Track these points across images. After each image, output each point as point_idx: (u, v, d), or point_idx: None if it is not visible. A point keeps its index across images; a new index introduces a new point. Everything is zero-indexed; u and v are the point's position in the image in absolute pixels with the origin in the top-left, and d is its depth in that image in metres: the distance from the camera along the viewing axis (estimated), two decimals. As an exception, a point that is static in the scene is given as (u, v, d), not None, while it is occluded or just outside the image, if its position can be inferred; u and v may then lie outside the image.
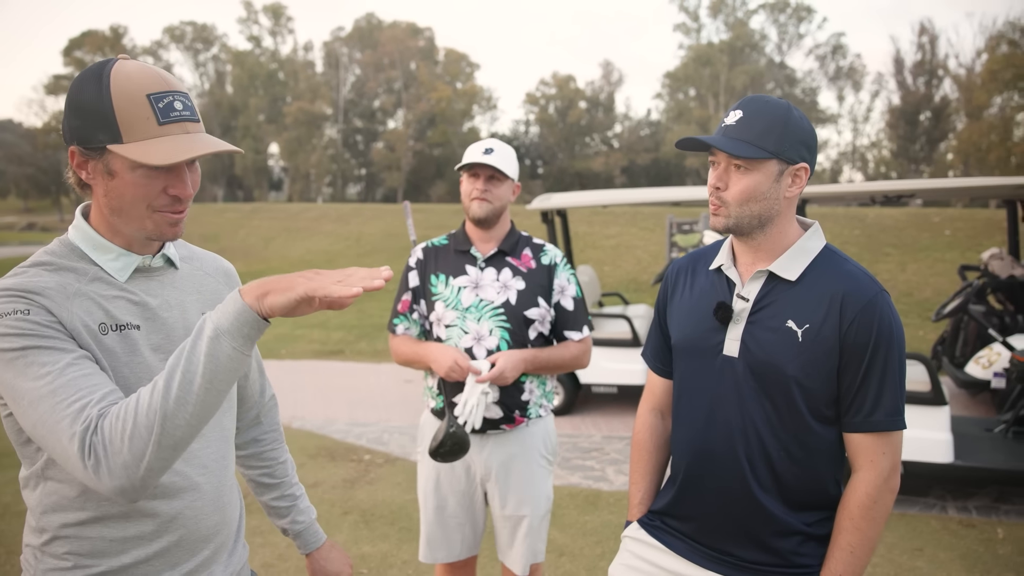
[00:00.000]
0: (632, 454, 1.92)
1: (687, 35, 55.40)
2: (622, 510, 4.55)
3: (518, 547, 2.55)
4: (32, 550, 1.30)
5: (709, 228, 6.68)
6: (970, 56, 45.59)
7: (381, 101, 58.11)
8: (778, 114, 1.55)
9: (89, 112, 1.19)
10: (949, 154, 46.51)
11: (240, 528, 1.52)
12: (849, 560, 1.56)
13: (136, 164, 1.20)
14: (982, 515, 4.48)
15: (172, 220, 1.27)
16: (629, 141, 56.06)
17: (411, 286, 2.62)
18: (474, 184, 2.49)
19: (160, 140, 1.18)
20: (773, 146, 1.53)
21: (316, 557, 1.73)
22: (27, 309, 1.16)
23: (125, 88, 1.19)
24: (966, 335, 6.77)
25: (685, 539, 1.74)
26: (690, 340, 1.71)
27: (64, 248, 1.29)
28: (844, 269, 1.59)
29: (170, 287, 1.37)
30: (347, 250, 19.19)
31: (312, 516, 1.74)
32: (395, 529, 4.28)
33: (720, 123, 1.61)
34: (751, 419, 1.60)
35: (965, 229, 15.49)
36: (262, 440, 1.70)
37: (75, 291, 1.23)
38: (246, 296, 1.10)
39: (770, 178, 1.55)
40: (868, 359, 1.53)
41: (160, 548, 1.31)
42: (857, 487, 1.56)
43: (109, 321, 1.25)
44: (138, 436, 1.08)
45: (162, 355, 1.31)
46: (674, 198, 6.40)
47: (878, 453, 1.55)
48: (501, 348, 2.45)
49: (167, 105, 1.20)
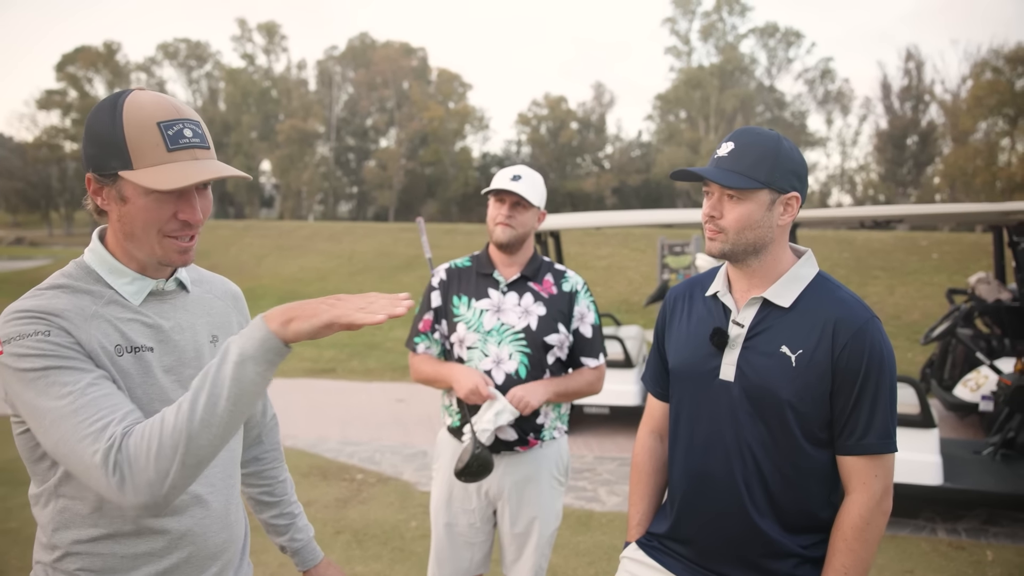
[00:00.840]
0: (632, 476, 1.95)
1: (678, 58, 56.03)
2: (615, 531, 4.56)
3: (524, 563, 2.58)
4: (43, 567, 1.32)
5: (703, 251, 6.75)
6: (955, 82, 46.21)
7: (373, 120, 58.35)
8: (769, 145, 1.61)
9: (103, 140, 1.23)
10: (936, 178, 47.06)
11: (246, 546, 1.54)
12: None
13: (147, 190, 1.23)
14: (971, 537, 4.51)
15: (181, 248, 1.31)
16: (620, 162, 56.44)
17: (433, 306, 2.65)
18: (499, 209, 2.54)
19: (169, 167, 1.22)
20: (764, 176, 1.59)
21: (314, 574, 1.75)
22: (47, 330, 1.18)
23: (136, 117, 1.22)
24: (954, 358, 6.84)
25: (683, 560, 1.76)
26: (687, 365, 1.76)
27: (80, 271, 1.32)
28: (836, 296, 1.64)
29: (182, 310, 1.40)
30: (339, 268, 19.18)
31: (310, 534, 1.76)
32: (388, 549, 4.27)
33: (713, 155, 1.67)
34: (747, 442, 1.64)
35: (952, 253, 15.67)
36: (263, 459, 1.72)
37: (92, 313, 1.26)
38: (271, 323, 1.13)
39: (762, 207, 1.61)
40: (860, 383, 1.57)
41: (170, 564, 1.33)
42: (850, 509, 1.60)
43: (124, 343, 1.27)
44: (163, 455, 1.11)
45: (174, 376, 1.33)
46: (667, 220, 6.48)
47: (871, 475, 1.59)
48: (520, 372, 2.49)
49: (176, 132, 1.24)
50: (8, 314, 1.21)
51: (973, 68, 42.84)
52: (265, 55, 60.18)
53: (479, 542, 2.64)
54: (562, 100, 57.19)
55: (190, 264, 1.35)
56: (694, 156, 49.48)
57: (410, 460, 6.02)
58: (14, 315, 1.20)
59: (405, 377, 9.42)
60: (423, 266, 18.36)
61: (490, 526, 2.65)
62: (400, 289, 16.53)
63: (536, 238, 6.42)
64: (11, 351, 1.16)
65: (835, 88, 54.61)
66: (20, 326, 1.18)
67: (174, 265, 1.33)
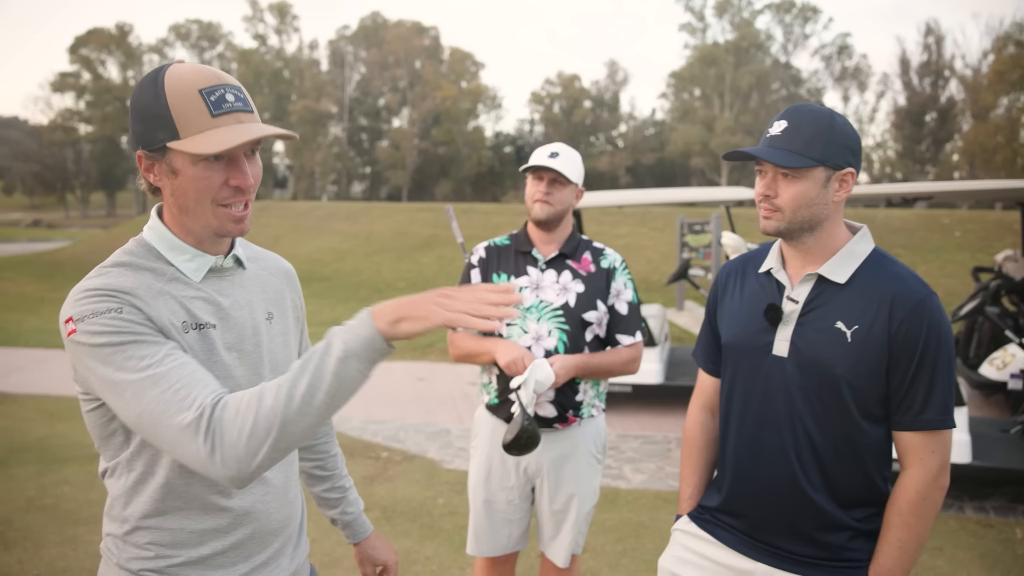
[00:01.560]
0: (683, 450, 1.96)
1: (692, 35, 55.43)
2: (641, 508, 4.58)
3: (562, 539, 2.60)
4: (113, 539, 1.34)
5: (726, 230, 6.71)
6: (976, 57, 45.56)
7: (386, 100, 58.21)
8: (822, 122, 1.60)
9: (148, 114, 1.23)
10: (955, 155, 46.49)
11: (303, 523, 1.56)
12: (898, 555, 1.60)
13: (196, 158, 1.23)
14: (1000, 515, 4.50)
15: (236, 216, 1.30)
16: (634, 141, 56.13)
17: (473, 283, 2.65)
18: (537, 187, 2.54)
19: (214, 131, 1.21)
20: (819, 153, 1.58)
21: (364, 546, 1.78)
22: (119, 307, 1.19)
23: (178, 86, 1.22)
24: (980, 336, 6.79)
25: (736, 532, 1.78)
26: (740, 340, 1.76)
27: (141, 248, 1.32)
28: (893, 271, 1.64)
29: (239, 287, 1.40)
30: (356, 248, 19.21)
31: (360, 507, 1.78)
32: (416, 526, 4.31)
33: (764, 133, 1.65)
34: (800, 417, 1.65)
35: (975, 230, 15.50)
36: (316, 434, 1.74)
37: (158, 290, 1.26)
38: (378, 320, 1.12)
39: (818, 184, 1.60)
40: (918, 359, 1.57)
41: (235, 541, 1.35)
42: (907, 484, 1.60)
43: (190, 320, 1.28)
44: (256, 435, 1.11)
45: (235, 353, 1.34)
46: (690, 198, 6.44)
47: (928, 451, 1.59)
48: (559, 349, 2.49)
49: (219, 98, 1.23)
50: (77, 293, 1.21)
51: (995, 42, 42.12)
52: (277, 35, 60.09)
53: (517, 519, 2.66)
54: (575, 78, 56.80)
55: (246, 232, 1.33)
56: (708, 134, 49.08)
57: (434, 438, 6.06)
58: (84, 294, 1.20)
59: (427, 356, 9.47)
60: (441, 245, 18.39)
61: (528, 503, 2.67)
62: (418, 269, 16.58)
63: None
64: (84, 329, 1.17)
65: (852, 64, 53.94)
66: (92, 304, 1.18)
67: (230, 235, 1.32)
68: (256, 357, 1.38)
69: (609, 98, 58.16)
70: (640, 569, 3.79)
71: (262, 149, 1.36)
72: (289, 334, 1.50)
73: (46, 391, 7.59)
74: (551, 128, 56.02)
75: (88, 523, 4.22)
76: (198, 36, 59.65)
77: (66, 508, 4.46)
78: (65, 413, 6.72)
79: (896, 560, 1.60)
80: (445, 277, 15.35)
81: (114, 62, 58.02)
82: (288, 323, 1.50)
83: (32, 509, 4.46)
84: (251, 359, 1.37)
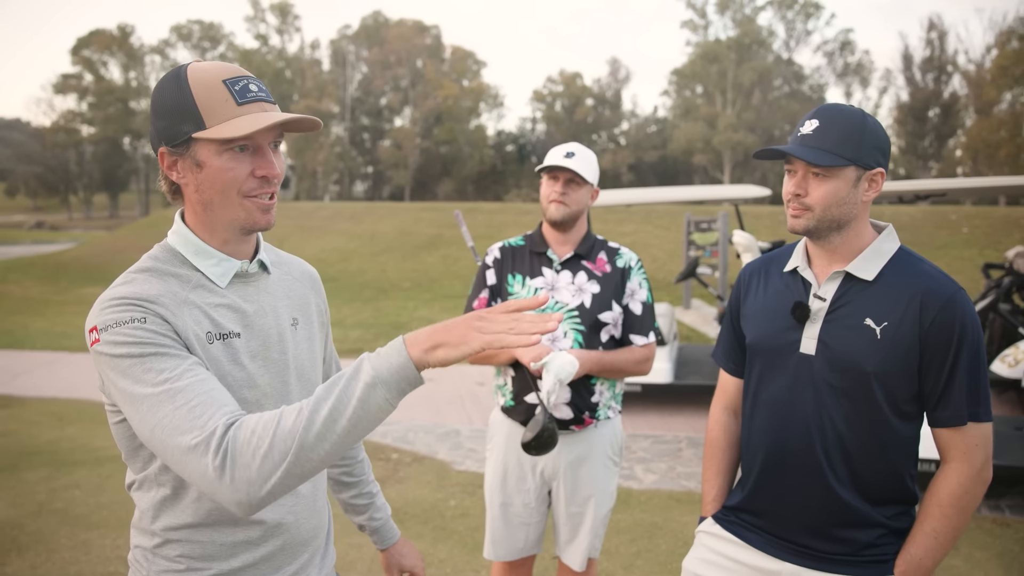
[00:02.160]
0: (706, 451, 1.95)
1: (694, 32, 55.27)
2: (653, 508, 4.56)
3: (579, 542, 2.58)
4: (143, 551, 1.32)
5: (737, 228, 6.68)
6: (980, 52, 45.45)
7: (388, 99, 58.20)
8: (854, 121, 1.60)
9: (172, 109, 1.23)
10: (958, 150, 46.34)
11: (330, 532, 1.55)
12: (931, 545, 1.59)
13: (221, 148, 1.22)
14: (1015, 514, 4.48)
15: (263, 207, 1.28)
16: (636, 139, 56.08)
17: (488, 284, 2.63)
18: (553, 187, 2.52)
19: (240, 119, 1.21)
20: (851, 153, 1.58)
21: (392, 552, 1.76)
22: (143, 317, 1.17)
23: (202, 78, 1.22)
24: (991, 333, 6.75)
25: (760, 532, 1.77)
26: (766, 339, 1.75)
27: (166, 254, 1.30)
28: (921, 269, 1.64)
29: (264, 292, 1.38)
30: (361, 248, 19.21)
31: (387, 512, 1.77)
32: (429, 528, 4.30)
33: (795, 132, 1.65)
34: (828, 415, 1.64)
35: (982, 226, 15.46)
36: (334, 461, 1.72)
37: (183, 299, 1.24)
38: (412, 348, 1.08)
39: (848, 184, 1.60)
40: (953, 355, 1.57)
41: (266, 553, 1.34)
42: (949, 477, 1.59)
43: (214, 330, 1.26)
44: (271, 458, 1.06)
45: (260, 362, 1.32)
46: (701, 197, 6.41)
47: (971, 445, 1.59)
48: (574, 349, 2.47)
49: (243, 87, 1.23)
50: (103, 302, 1.20)
51: (998, 37, 41.95)
52: (278, 35, 60.08)
53: (534, 522, 2.64)
54: (577, 76, 56.76)
55: (272, 225, 1.32)
56: (711, 131, 48.99)
57: (443, 439, 6.04)
58: (109, 303, 1.19)
59: (432, 357, 9.46)
60: (446, 245, 18.38)
61: (545, 506, 2.65)
62: (423, 268, 16.57)
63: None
64: (107, 339, 1.15)
65: (855, 60, 53.77)
66: (116, 313, 1.17)
67: (257, 227, 1.30)
68: (282, 364, 1.37)
69: (611, 96, 58.09)
70: (655, 570, 3.77)
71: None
72: (314, 340, 1.48)
73: (54, 394, 7.59)
74: (553, 126, 55.98)
75: (99, 527, 4.21)
76: (200, 37, 59.64)
77: (77, 512, 4.45)
78: (73, 416, 6.72)
79: (928, 550, 1.59)
80: (451, 277, 15.33)
81: (116, 63, 58.03)
82: (313, 329, 1.48)
83: (43, 513, 4.45)
84: (276, 366, 1.35)
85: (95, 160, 58.72)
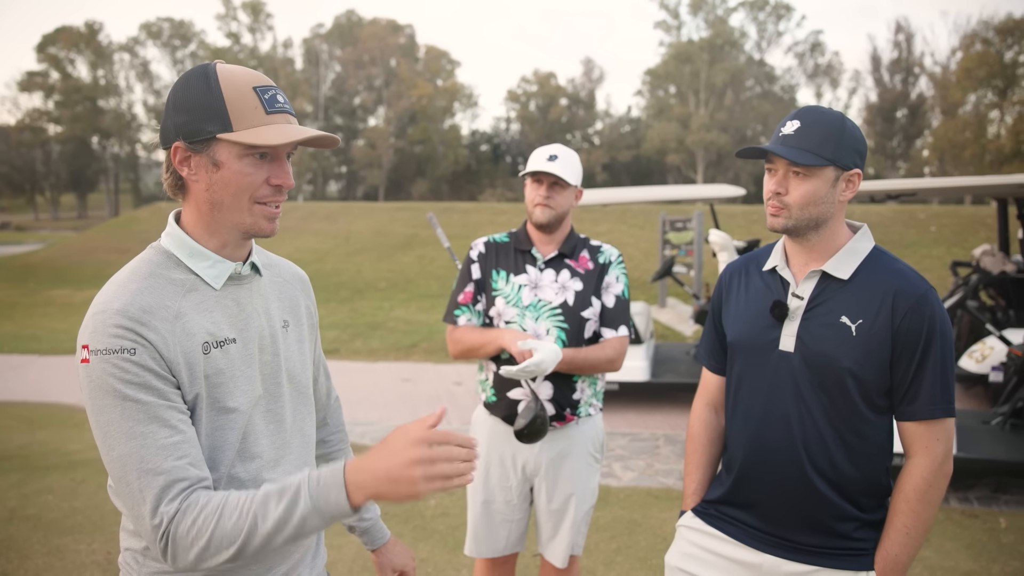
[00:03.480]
0: (687, 446, 1.99)
1: (668, 32, 55.67)
2: (632, 505, 4.60)
3: (561, 540, 2.60)
4: (133, 553, 1.32)
5: (713, 228, 6.76)
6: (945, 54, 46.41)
7: (362, 98, 57.88)
8: (834, 123, 1.64)
9: (197, 106, 1.23)
10: (925, 151, 47.22)
11: (321, 532, 1.54)
12: (904, 541, 1.64)
13: (242, 153, 1.24)
14: (983, 505, 4.59)
15: (271, 215, 1.31)
16: (610, 138, 56.36)
17: (474, 278, 2.64)
18: (538, 191, 2.53)
19: (268, 128, 1.24)
20: (830, 153, 1.62)
21: (383, 552, 1.76)
22: (133, 348, 1.17)
23: (233, 81, 1.24)
24: (959, 330, 6.90)
25: (741, 525, 1.81)
26: (747, 337, 1.79)
27: (160, 256, 1.30)
28: (894, 268, 1.69)
29: (257, 295, 1.39)
30: (336, 249, 19.10)
31: (377, 513, 1.77)
32: (409, 528, 4.30)
33: (776, 132, 1.69)
34: (808, 410, 1.68)
35: (950, 225, 15.78)
36: (329, 441, 1.72)
37: (176, 313, 1.24)
38: (354, 494, 1.15)
39: (827, 184, 1.65)
40: (921, 351, 1.62)
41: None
42: (913, 472, 1.65)
43: (211, 339, 1.27)
44: (208, 553, 1.16)
45: (254, 365, 1.34)
46: (677, 196, 6.48)
47: (933, 440, 1.64)
48: None
49: (271, 97, 1.26)
50: (98, 316, 1.19)
51: (963, 40, 42.83)
52: (251, 34, 59.42)
53: (516, 520, 2.65)
54: (551, 76, 56.88)
55: (275, 233, 1.34)
56: (684, 131, 49.37)
57: (422, 439, 6.03)
58: (103, 320, 1.18)
59: (410, 357, 9.43)
60: (422, 245, 18.33)
61: (527, 503, 2.67)
62: (399, 268, 16.50)
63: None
64: (97, 363, 1.16)
65: (825, 61, 54.56)
66: (108, 339, 1.17)
67: (262, 234, 1.32)
68: (274, 366, 1.37)
69: (585, 96, 58.28)
70: (635, 567, 3.81)
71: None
72: (304, 342, 1.49)
73: (24, 398, 7.46)
74: (527, 126, 56.03)
75: (73, 532, 4.15)
76: (170, 35, 58.79)
77: (50, 517, 4.38)
78: (44, 420, 6.61)
79: (903, 546, 1.64)
80: (427, 277, 15.30)
81: (83, 61, 57.02)
82: (303, 331, 1.49)
83: (15, 519, 4.37)
84: (269, 368, 1.36)
85: (62, 159, 57.61)
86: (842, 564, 1.69)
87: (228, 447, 1.28)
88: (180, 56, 59.44)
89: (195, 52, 59.48)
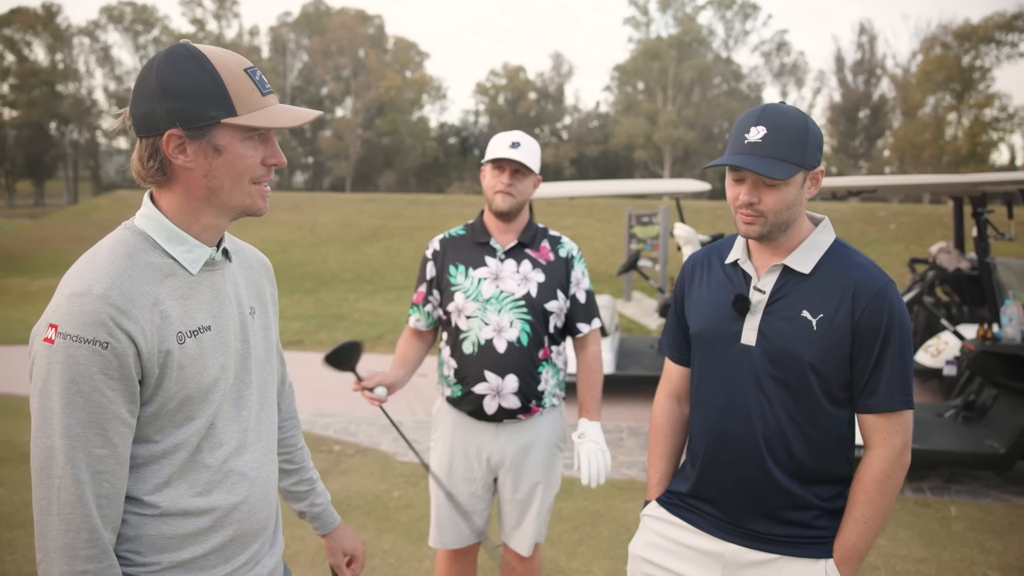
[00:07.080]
0: (651, 437, 2.00)
1: (637, 29, 55.95)
2: (595, 496, 4.63)
3: (526, 528, 2.61)
4: None
5: (678, 222, 6.81)
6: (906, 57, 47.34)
7: (329, 89, 57.18)
8: (799, 125, 1.62)
9: (195, 90, 1.20)
10: (886, 151, 48.18)
11: (279, 520, 1.54)
12: (862, 530, 1.67)
13: (246, 136, 1.24)
14: (936, 495, 4.71)
15: (264, 193, 1.32)
16: (578, 133, 56.45)
17: (428, 277, 2.62)
18: (499, 178, 2.51)
19: (267, 110, 1.24)
20: (799, 158, 1.61)
21: (333, 536, 1.76)
22: (106, 342, 1.14)
23: (226, 64, 1.23)
24: (916, 325, 7.06)
25: (704, 515, 1.82)
26: (709, 330, 1.80)
27: (136, 237, 1.26)
28: (855, 261, 1.70)
29: (228, 281, 1.38)
30: (302, 239, 18.87)
31: (327, 499, 1.77)
32: (372, 519, 4.28)
33: (739, 137, 1.64)
34: (768, 403, 1.69)
35: (909, 223, 16.12)
36: (283, 427, 1.71)
37: (155, 299, 1.21)
38: None
39: (798, 187, 1.64)
40: (880, 344, 1.63)
41: (216, 544, 1.33)
42: (872, 463, 1.67)
43: (184, 328, 1.25)
44: None
45: (227, 352, 1.33)
46: (644, 191, 6.51)
47: (891, 432, 1.66)
48: (522, 340, 2.48)
49: (260, 79, 1.27)
50: (71, 298, 1.15)
51: (923, 43, 43.77)
52: (216, 20, 58.26)
53: (480, 510, 2.65)
54: (520, 70, 56.79)
55: (266, 211, 1.35)
56: (652, 127, 49.68)
57: (386, 431, 6.00)
58: (77, 304, 1.14)
59: (375, 348, 9.37)
60: (388, 237, 18.20)
61: (490, 494, 2.67)
62: (365, 260, 16.36)
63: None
64: (61, 347, 1.12)
65: (790, 61, 55.31)
66: (84, 327, 1.13)
67: (258, 212, 1.33)
68: (244, 353, 1.37)
69: (554, 90, 58.32)
70: (597, 556, 3.84)
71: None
72: (270, 329, 1.48)
73: (-25, 388, 7.25)
74: (496, 119, 55.87)
75: (25, 526, 4.05)
76: (132, 19, 57.38)
77: (1, 510, 4.27)
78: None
79: (860, 535, 1.67)
80: (393, 269, 15.18)
81: (41, 44, 55.43)
82: (269, 318, 1.48)
83: None
84: (239, 355, 1.36)
85: (18, 145, 55.95)
86: (802, 552, 1.71)
87: (195, 434, 1.26)
88: (143, 42, 58.07)
89: (158, 38, 58.18)
